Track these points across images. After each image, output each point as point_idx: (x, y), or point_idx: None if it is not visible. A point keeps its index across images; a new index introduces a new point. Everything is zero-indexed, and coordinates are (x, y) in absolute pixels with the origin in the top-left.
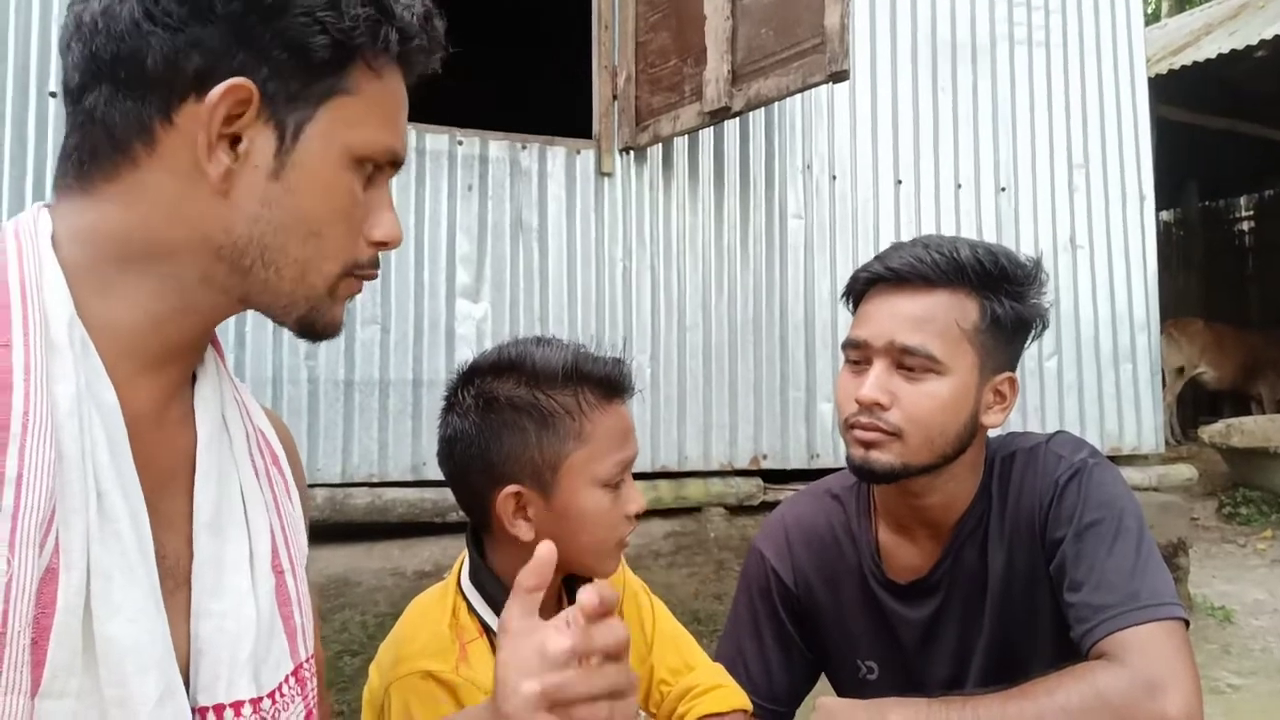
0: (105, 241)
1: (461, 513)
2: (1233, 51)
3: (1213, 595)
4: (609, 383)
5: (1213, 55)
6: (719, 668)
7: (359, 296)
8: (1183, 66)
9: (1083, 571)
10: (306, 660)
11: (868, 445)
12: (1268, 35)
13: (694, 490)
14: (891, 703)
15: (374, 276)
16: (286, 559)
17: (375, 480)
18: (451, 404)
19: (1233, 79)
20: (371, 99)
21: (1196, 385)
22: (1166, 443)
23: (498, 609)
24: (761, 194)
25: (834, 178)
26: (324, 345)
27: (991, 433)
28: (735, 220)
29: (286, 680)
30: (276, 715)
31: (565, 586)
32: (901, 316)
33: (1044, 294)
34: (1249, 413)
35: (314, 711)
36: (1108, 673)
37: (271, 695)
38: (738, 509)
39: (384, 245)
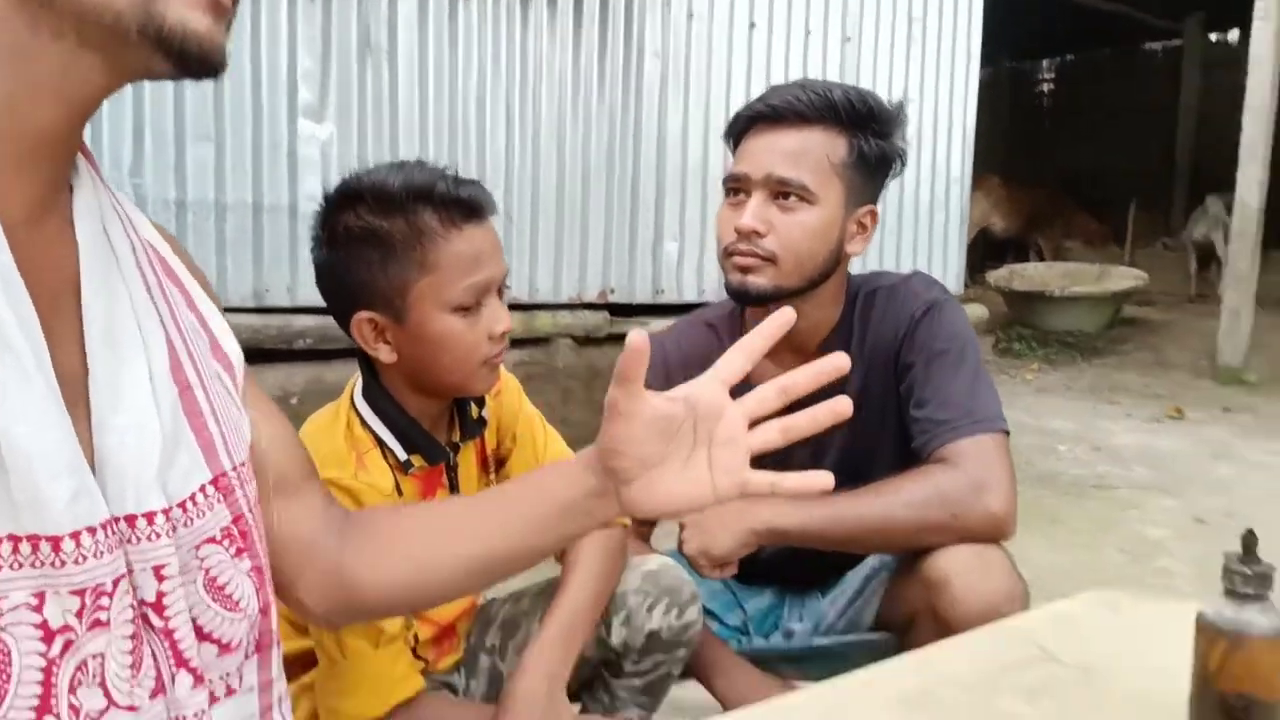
0: None
1: (308, 341)
2: None
3: None
4: (455, 205)
5: None
6: None
7: (188, 111)
8: None
9: (929, 392)
10: (235, 468)
11: (745, 270)
12: None
13: (543, 322)
14: (760, 502)
15: None
16: (193, 372)
17: None
18: (314, 235)
19: None
20: None
21: (984, 234)
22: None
23: (388, 421)
24: (620, 27)
25: (691, 16)
26: (151, 161)
27: (855, 270)
28: (593, 53)
29: (203, 490)
30: (190, 522)
31: (456, 407)
32: (779, 151)
33: (904, 135)
34: (1027, 260)
35: (245, 516)
36: (944, 473)
37: (183, 505)
38: (585, 340)
39: None
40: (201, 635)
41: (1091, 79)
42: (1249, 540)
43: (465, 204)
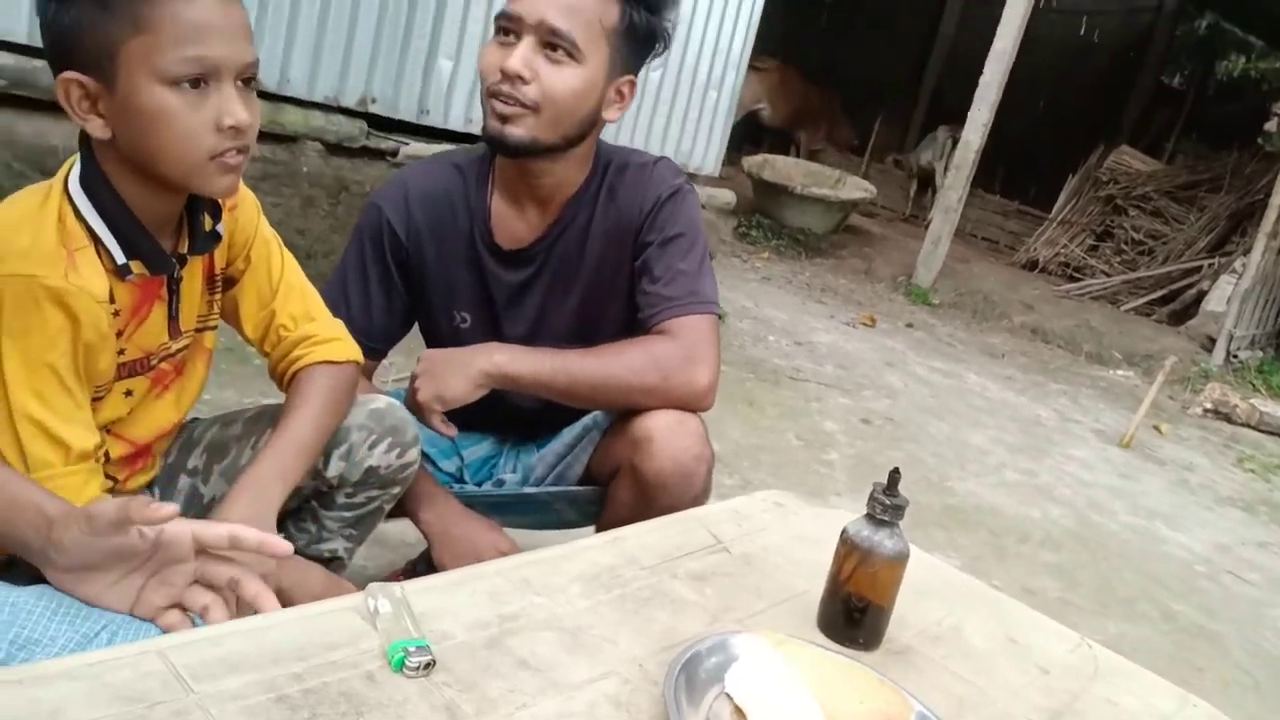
0: None
1: (1, 83)
2: None
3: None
4: None
5: None
6: (338, 322)
7: None
8: None
9: (660, 270)
10: None
11: (504, 119)
12: None
13: (292, 118)
14: (494, 346)
15: None
16: None
17: None
18: None
19: None
20: None
21: (752, 117)
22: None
23: (107, 217)
24: None
25: None
26: None
27: (614, 141)
28: None
29: None
30: None
31: (188, 215)
32: (555, 2)
33: (675, 19)
34: (788, 153)
35: None
36: (661, 343)
37: None
38: (336, 148)
39: None
40: None
41: None
42: (893, 476)
43: None
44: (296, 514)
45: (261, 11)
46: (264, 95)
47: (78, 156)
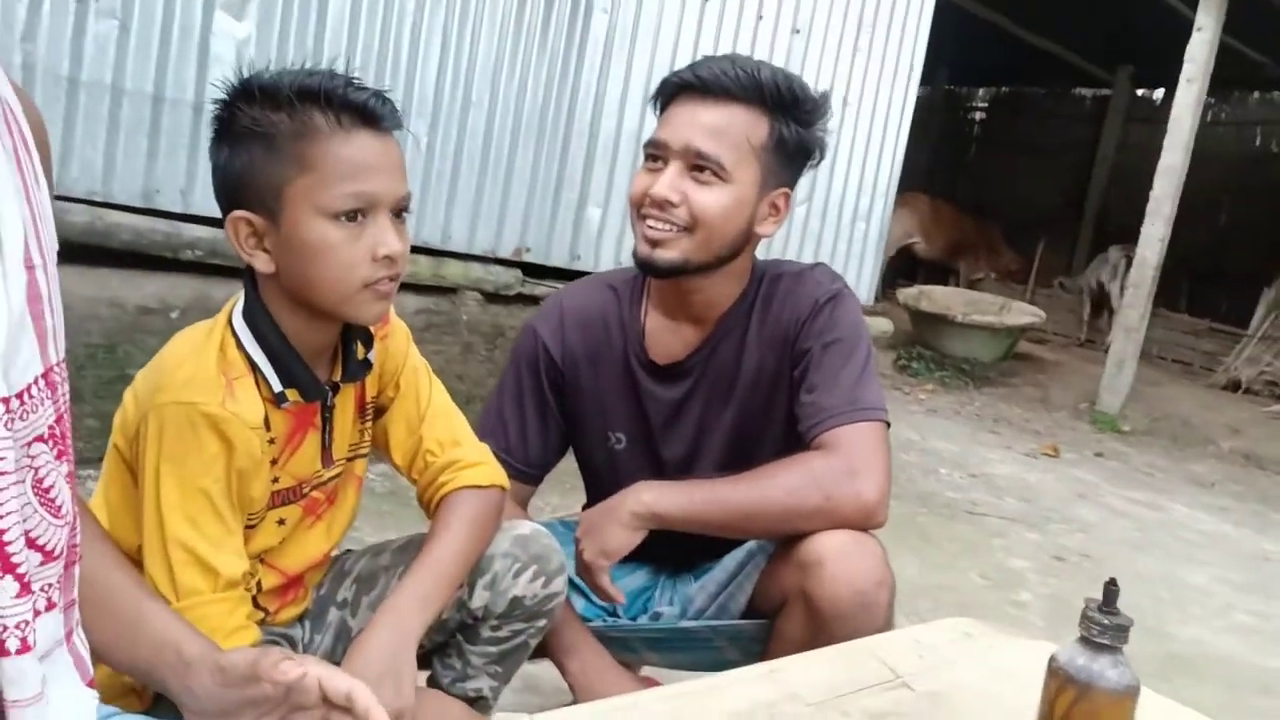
0: None
1: (197, 252)
2: None
3: None
4: (346, 108)
5: None
6: (484, 447)
7: None
8: None
9: (818, 378)
10: (58, 364)
11: (654, 243)
12: None
13: (453, 271)
14: (640, 486)
15: None
16: (38, 254)
17: (98, 199)
18: (211, 136)
19: None
20: None
21: (906, 251)
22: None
23: (267, 347)
24: None
25: None
26: (46, 29)
27: (763, 255)
28: None
29: (36, 382)
30: (25, 415)
31: (342, 344)
32: (701, 124)
33: (827, 127)
34: (946, 284)
35: (65, 416)
36: (821, 458)
37: (20, 396)
38: (494, 296)
39: None
40: (28, 541)
41: (1021, 113)
42: (1111, 590)
43: (358, 108)
44: (443, 649)
45: (426, 179)
46: (428, 251)
47: (241, 293)
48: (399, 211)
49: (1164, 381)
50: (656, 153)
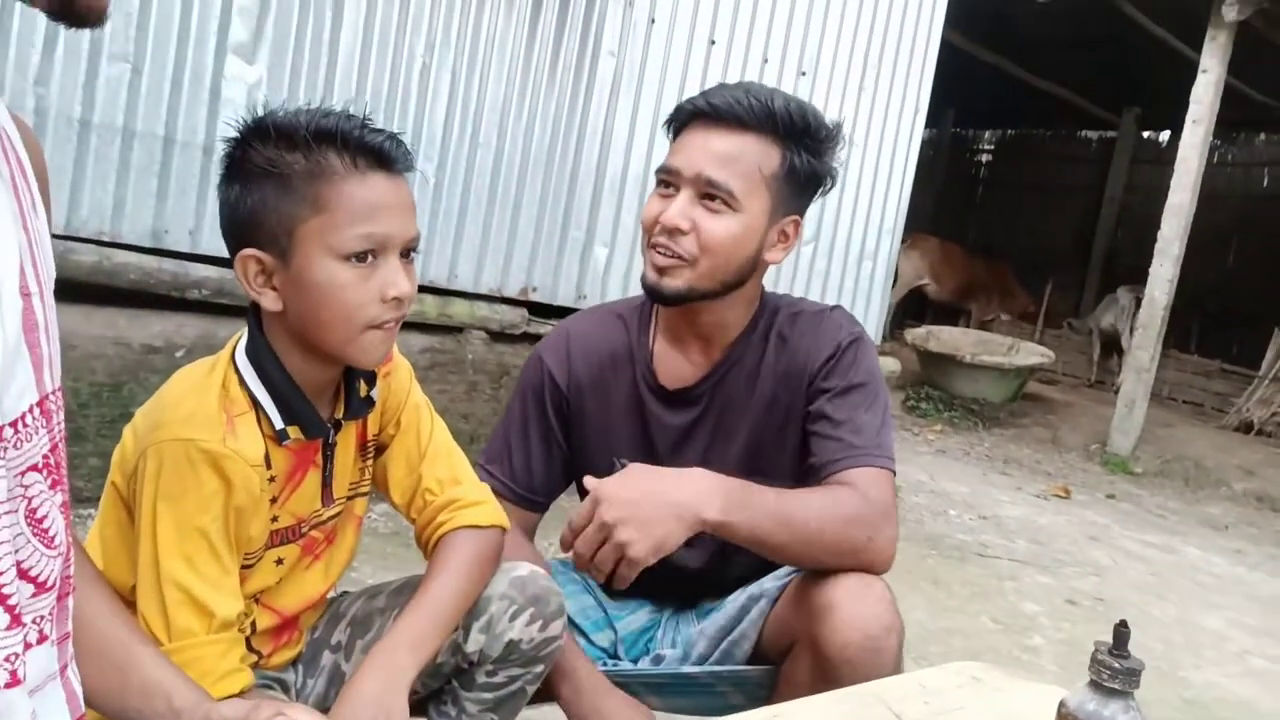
0: None
1: (204, 292)
2: None
3: None
4: (361, 150)
5: None
6: (485, 487)
7: (107, 28)
8: None
9: (842, 416)
10: (53, 392)
11: (661, 271)
12: None
13: (459, 310)
14: (703, 483)
15: None
16: (35, 281)
17: (105, 239)
18: (221, 171)
19: (1011, 17)
20: None
21: (915, 292)
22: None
23: (270, 384)
24: (580, 20)
25: (653, 21)
26: (59, 73)
27: (774, 285)
28: (549, 40)
29: (31, 410)
30: (19, 444)
31: (345, 382)
32: (712, 152)
33: (838, 156)
34: (956, 325)
35: (60, 445)
36: (847, 492)
37: (14, 424)
38: (499, 335)
39: None
40: (19, 571)
41: (1028, 155)
42: (1121, 632)
43: (373, 150)
44: (438, 696)
45: (433, 219)
46: (434, 290)
47: (244, 331)
48: (408, 252)
49: (1175, 423)
50: (669, 179)
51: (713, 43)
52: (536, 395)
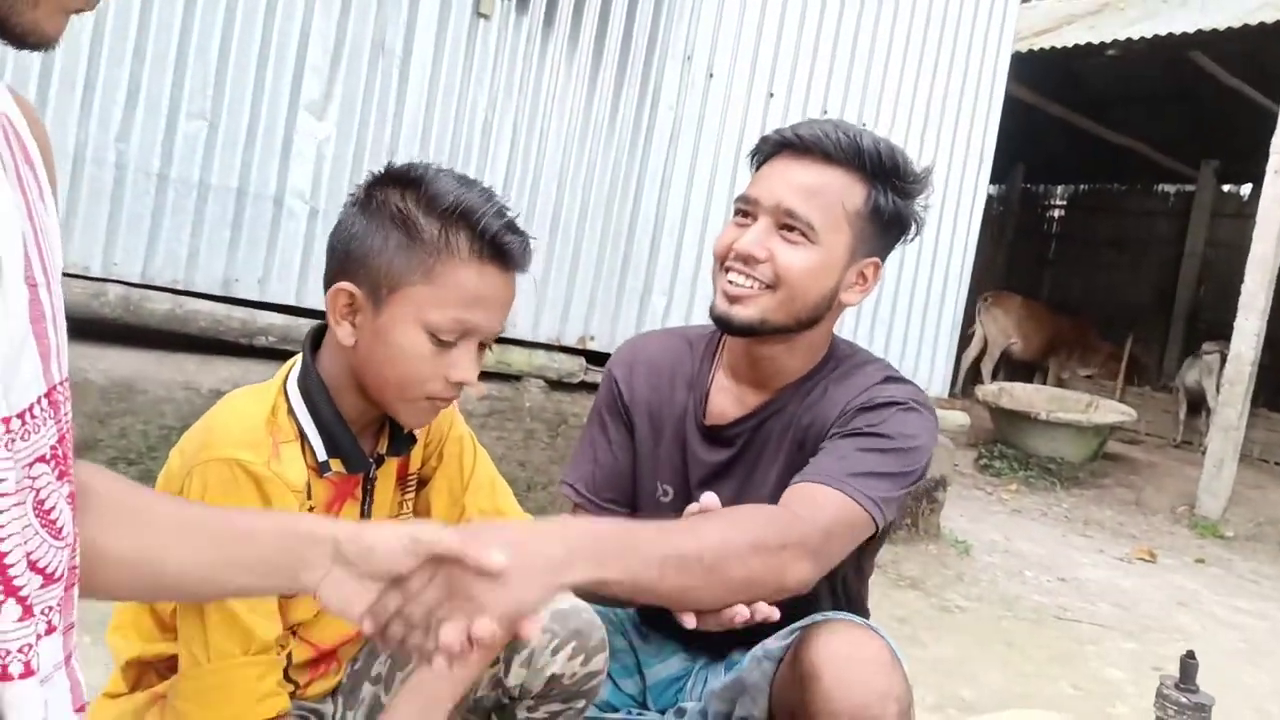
0: None
1: (270, 339)
2: (1088, 45)
3: (958, 531)
4: (490, 241)
5: (1070, 45)
6: (528, 518)
7: (186, 86)
8: (1040, 49)
9: (840, 449)
10: (61, 383)
11: (733, 299)
12: (1122, 36)
13: (517, 358)
14: (577, 543)
15: None
16: (41, 271)
17: (179, 288)
18: (352, 194)
19: (1080, 72)
20: None
21: (1003, 355)
22: (951, 393)
23: (317, 416)
24: (639, 73)
25: (711, 75)
26: (139, 130)
27: (845, 332)
28: (608, 94)
29: (39, 401)
30: (27, 435)
31: (389, 418)
32: (795, 184)
33: (926, 201)
34: (1032, 381)
35: (67, 436)
36: (756, 511)
37: (21, 415)
38: (557, 384)
39: None
40: (28, 563)
41: (1102, 211)
42: (1189, 664)
43: (501, 248)
44: None
45: None
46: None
47: (299, 360)
48: (482, 344)
49: (1267, 484)
50: (746, 208)
51: (771, 95)
52: (608, 407)
